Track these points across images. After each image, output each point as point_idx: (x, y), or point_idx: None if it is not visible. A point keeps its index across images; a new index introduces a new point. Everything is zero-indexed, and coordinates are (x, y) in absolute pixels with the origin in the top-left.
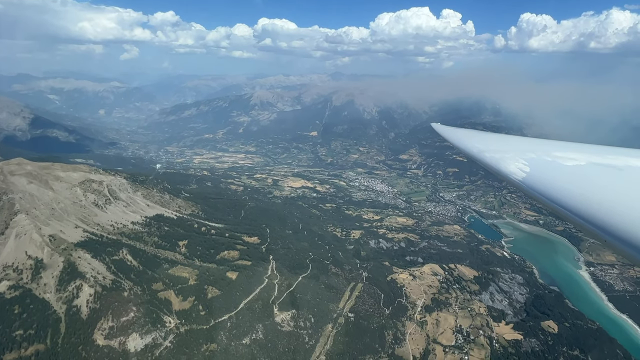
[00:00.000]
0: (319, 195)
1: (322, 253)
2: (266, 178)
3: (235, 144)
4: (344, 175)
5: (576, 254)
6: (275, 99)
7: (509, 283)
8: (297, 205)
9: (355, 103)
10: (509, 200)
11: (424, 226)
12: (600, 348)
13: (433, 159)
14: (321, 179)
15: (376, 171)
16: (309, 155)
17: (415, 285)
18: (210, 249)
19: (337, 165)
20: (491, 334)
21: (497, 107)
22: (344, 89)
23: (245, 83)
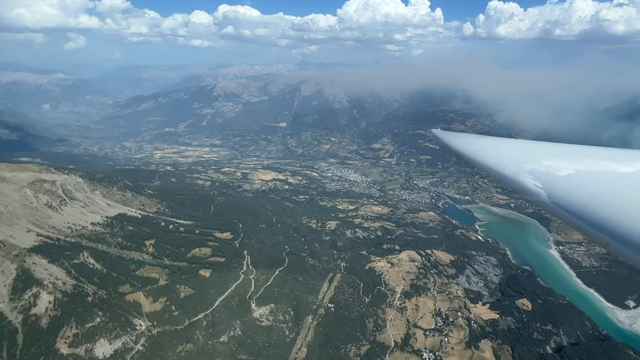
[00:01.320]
0: (292, 187)
1: (298, 245)
2: (235, 171)
3: (199, 137)
4: (316, 166)
5: (546, 234)
6: (240, 89)
7: (484, 265)
8: (269, 199)
9: (325, 92)
10: (481, 185)
11: (399, 214)
12: (570, 321)
13: (406, 147)
14: (293, 171)
15: (349, 161)
16: (278, 146)
17: (394, 272)
18: (180, 247)
19: (309, 156)
20: (469, 315)
21: (467, 95)
22: (312, 78)
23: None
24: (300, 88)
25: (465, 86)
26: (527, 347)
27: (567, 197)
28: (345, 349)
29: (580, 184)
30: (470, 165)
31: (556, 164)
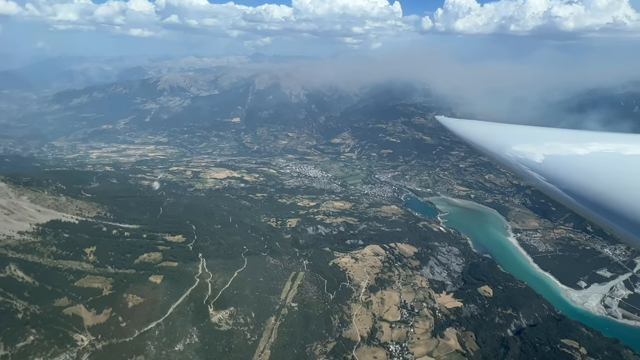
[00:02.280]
0: (248, 185)
1: (258, 245)
2: (184, 170)
3: (142, 134)
4: (274, 162)
5: (504, 223)
6: (187, 83)
7: (446, 255)
8: (224, 198)
9: (281, 86)
10: (442, 177)
11: (361, 209)
12: (528, 304)
13: (366, 142)
14: (248, 168)
15: (308, 156)
16: (232, 143)
17: (358, 267)
18: (126, 254)
19: (265, 152)
20: (434, 305)
21: (427, 88)
22: (267, 71)
23: (149, 66)
24: (254, 81)
25: (425, 80)
26: (490, 332)
27: (574, 182)
28: (310, 347)
29: (586, 169)
30: (431, 158)
31: (561, 149)
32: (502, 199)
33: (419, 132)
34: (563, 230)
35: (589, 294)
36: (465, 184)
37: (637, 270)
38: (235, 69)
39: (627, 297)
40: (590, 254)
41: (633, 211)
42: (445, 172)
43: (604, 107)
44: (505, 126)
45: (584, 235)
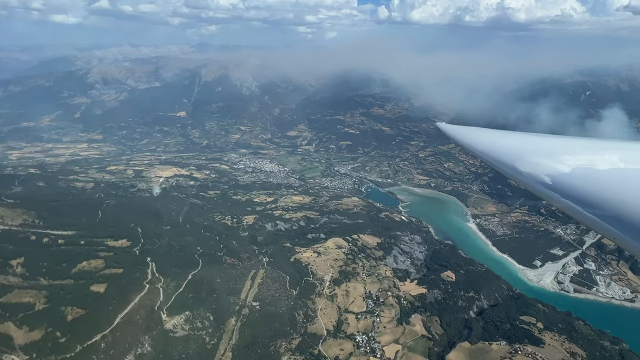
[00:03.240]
0: (199, 183)
1: (213, 245)
2: (125, 170)
3: (72, 132)
4: (226, 158)
5: (464, 209)
6: (124, 74)
7: (409, 244)
8: (173, 197)
9: (231, 77)
10: (402, 167)
11: (322, 202)
12: (489, 286)
13: (324, 134)
14: (198, 165)
15: (263, 151)
16: (178, 139)
17: (321, 261)
18: (62, 263)
19: (216, 147)
20: (399, 293)
21: (385, 79)
22: (215, 61)
23: (76, 56)
24: (200, 73)
25: (382, 70)
26: (453, 315)
27: (582, 194)
28: (275, 345)
29: (596, 180)
30: (391, 149)
31: (571, 160)
32: (461, 186)
33: (378, 122)
34: (519, 213)
35: (543, 272)
36: (426, 173)
37: (585, 248)
38: (178, 59)
39: (577, 273)
40: (544, 235)
41: None
42: (406, 162)
43: (554, 96)
44: (514, 135)
45: (538, 217)
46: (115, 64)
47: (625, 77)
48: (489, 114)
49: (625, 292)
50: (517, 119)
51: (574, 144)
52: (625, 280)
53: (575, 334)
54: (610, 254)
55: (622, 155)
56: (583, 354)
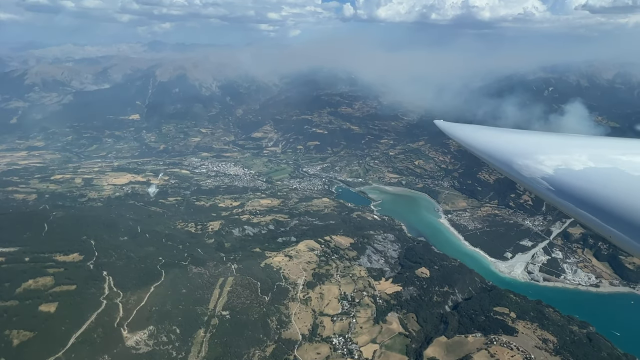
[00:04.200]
0: (157, 189)
1: (176, 254)
2: (72, 178)
3: (8, 139)
4: (186, 162)
5: (436, 206)
6: (67, 76)
7: (382, 243)
8: (129, 205)
9: (189, 78)
10: (372, 166)
11: (291, 204)
12: (463, 280)
13: (291, 134)
14: (155, 170)
15: (226, 153)
16: (132, 143)
17: (293, 265)
18: (4, 283)
19: (174, 151)
20: (374, 293)
21: (352, 77)
22: (170, 61)
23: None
24: (154, 73)
25: (350, 68)
26: (429, 311)
27: (580, 193)
28: (248, 354)
29: (597, 180)
30: (360, 148)
31: (567, 158)
32: (432, 183)
33: (347, 122)
34: (489, 207)
35: (514, 264)
36: (396, 171)
37: (553, 237)
38: (129, 58)
39: (546, 262)
40: (514, 227)
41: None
42: (376, 161)
43: (519, 92)
44: (515, 133)
45: (507, 210)
46: (56, 65)
47: (585, 73)
48: (457, 111)
49: (591, 278)
50: (484, 114)
51: (565, 141)
52: (590, 266)
53: (546, 321)
54: (575, 243)
55: (614, 152)
56: (554, 339)
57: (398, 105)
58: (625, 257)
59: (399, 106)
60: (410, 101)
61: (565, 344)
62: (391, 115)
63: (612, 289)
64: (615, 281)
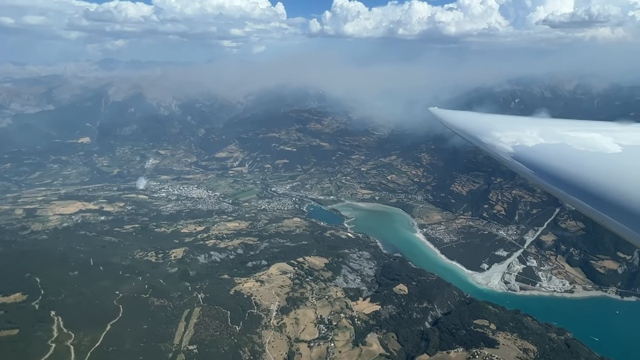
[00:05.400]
0: (111, 218)
1: (135, 287)
2: (12, 209)
3: None
4: (143, 186)
5: (410, 220)
6: (6, 97)
7: (358, 261)
8: (79, 236)
9: (146, 97)
10: (344, 183)
11: (260, 226)
12: (441, 294)
13: (258, 153)
14: (109, 197)
15: (187, 175)
16: (81, 168)
17: (265, 290)
18: None
19: (130, 176)
20: (352, 314)
21: (321, 93)
22: (124, 79)
23: None
24: (107, 92)
25: (318, 84)
26: (410, 328)
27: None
28: None
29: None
30: (331, 164)
31: (521, 135)
32: (405, 197)
33: (316, 138)
34: (463, 219)
35: (491, 274)
36: (369, 186)
37: (527, 246)
38: (77, 78)
39: (521, 271)
40: (488, 238)
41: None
42: (348, 177)
43: (487, 104)
44: (487, 116)
45: (481, 221)
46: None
47: (548, 85)
48: (428, 124)
49: (565, 284)
50: None
51: (519, 120)
52: (563, 273)
53: (526, 330)
54: (548, 250)
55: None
56: (534, 348)
57: (368, 120)
58: (596, 262)
59: (369, 121)
60: (380, 116)
61: (545, 352)
62: (362, 130)
63: (586, 294)
64: (588, 286)
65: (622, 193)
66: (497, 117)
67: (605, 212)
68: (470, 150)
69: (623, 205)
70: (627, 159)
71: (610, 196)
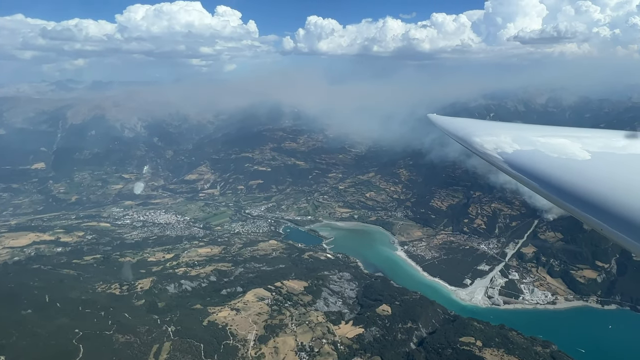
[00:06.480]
0: (69, 249)
1: (97, 323)
2: None
3: None
4: (105, 213)
5: (391, 238)
6: None
7: (338, 283)
8: (33, 271)
9: (108, 118)
10: (322, 202)
11: (234, 251)
12: (425, 313)
13: (231, 174)
14: (66, 226)
15: (154, 200)
16: (34, 197)
17: (241, 319)
18: None
19: (90, 202)
20: (334, 339)
21: (296, 111)
22: (85, 101)
23: None
24: (65, 115)
25: (293, 102)
26: (394, 350)
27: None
28: None
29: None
30: (308, 184)
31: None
32: (385, 215)
33: (291, 157)
34: (444, 235)
35: (474, 290)
36: (347, 205)
37: (508, 259)
38: (31, 100)
39: (504, 285)
40: (470, 252)
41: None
42: (325, 196)
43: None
44: (474, 121)
45: (462, 236)
46: None
47: (521, 99)
48: (405, 140)
49: (547, 296)
50: (432, 142)
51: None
52: (545, 284)
53: (511, 345)
54: (529, 262)
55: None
56: None
57: (345, 138)
58: (576, 272)
59: (346, 138)
60: (357, 133)
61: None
62: (338, 147)
63: (568, 304)
64: (570, 296)
65: (595, 195)
66: (492, 123)
67: (589, 213)
68: (448, 165)
69: (598, 206)
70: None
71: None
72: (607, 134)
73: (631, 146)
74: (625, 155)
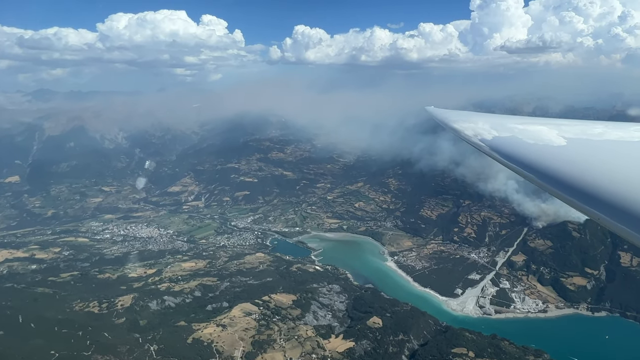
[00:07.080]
0: (45, 266)
1: (75, 344)
2: None
3: None
4: (83, 228)
5: (380, 248)
6: None
7: (328, 295)
8: (5, 290)
9: (88, 129)
10: (310, 213)
11: (220, 264)
12: (417, 324)
13: (216, 185)
14: (42, 242)
15: (136, 213)
16: (8, 211)
17: (227, 335)
18: None
19: (68, 217)
20: (324, 354)
21: (283, 121)
22: (63, 111)
23: None
24: (42, 126)
25: (280, 112)
26: None
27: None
28: None
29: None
30: (295, 194)
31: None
32: (374, 225)
33: (279, 167)
34: (434, 244)
35: (465, 299)
36: (336, 215)
37: (499, 267)
38: (5, 110)
39: (495, 294)
40: (460, 262)
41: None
42: (313, 207)
43: None
44: (486, 116)
45: (452, 245)
46: None
47: (508, 108)
48: (394, 149)
49: (538, 304)
50: (421, 151)
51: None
52: (536, 292)
53: (504, 355)
54: (520, 270)
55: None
56: None
57: (333, 147)
58: (565, 279)
59: (334, 148)
60: (345, 142)
61: None
62: (326, 157)
63: (559, 312)
64: (560, 304)
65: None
66: (489, 115)
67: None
68: (437, 174)
69: (575, 188)
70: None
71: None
72: (584, 123)
73: (607, 133)
74: (600, 141)
